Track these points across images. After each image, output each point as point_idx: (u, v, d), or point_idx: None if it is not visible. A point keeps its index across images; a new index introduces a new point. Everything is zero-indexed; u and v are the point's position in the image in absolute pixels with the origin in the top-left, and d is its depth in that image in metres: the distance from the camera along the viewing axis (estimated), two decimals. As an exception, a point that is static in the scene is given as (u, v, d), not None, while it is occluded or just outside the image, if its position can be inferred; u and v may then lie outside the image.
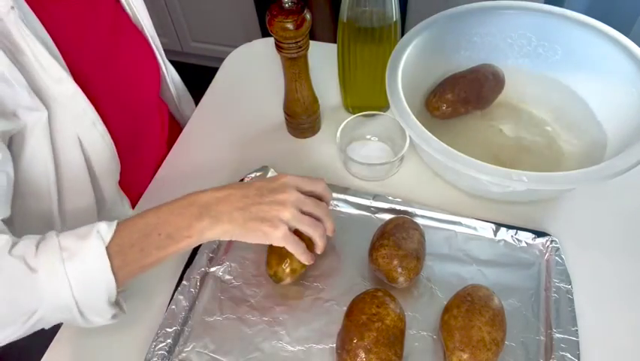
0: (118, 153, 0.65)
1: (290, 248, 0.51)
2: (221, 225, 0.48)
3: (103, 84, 0.62)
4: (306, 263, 0.53)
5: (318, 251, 0.54)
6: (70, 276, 0.44)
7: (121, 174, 0.68)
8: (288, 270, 0.55)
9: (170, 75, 0.82)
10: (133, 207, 0.71)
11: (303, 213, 0.51)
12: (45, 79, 0.52)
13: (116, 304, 0.49)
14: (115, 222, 0.48)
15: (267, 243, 0.50)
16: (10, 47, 0.49)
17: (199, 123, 0.79)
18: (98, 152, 0.62)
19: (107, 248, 0.45)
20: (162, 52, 0.78)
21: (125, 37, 0.68)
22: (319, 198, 0.55)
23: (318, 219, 0.53)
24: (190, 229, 0.47)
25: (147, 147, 0.77)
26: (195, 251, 0.60)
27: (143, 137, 0.74)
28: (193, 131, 0.78)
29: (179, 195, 0.69)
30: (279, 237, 0.49)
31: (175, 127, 0.85)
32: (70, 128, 0.57)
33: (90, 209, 0.65)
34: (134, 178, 0.73)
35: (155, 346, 0.52)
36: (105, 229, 0.46)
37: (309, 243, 0.54)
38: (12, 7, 0.48)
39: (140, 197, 0.69)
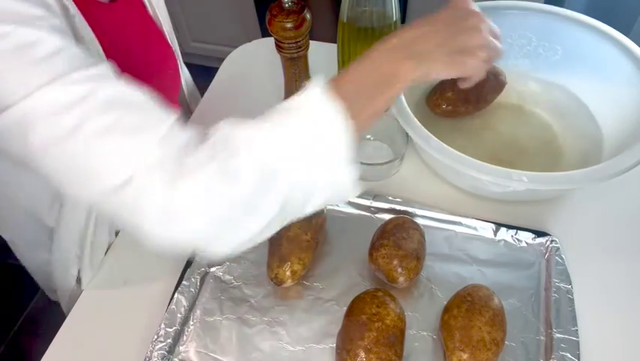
0: None
1: (482, 73, 0.50)
2: (427, 62, 0.45)
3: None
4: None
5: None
6: (304, 125, 0.43)
7: None
8: (288, 272, 0.55)
9: (185, 76, 0.82)
10: None
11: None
12: None
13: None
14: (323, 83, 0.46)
15: (468, 74, 0.49)
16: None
17: (199, 123, 0.79)
18: None
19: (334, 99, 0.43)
20: (179, 52, 0.78)
21: (152, 40, 0.68)
22: None
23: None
24: (400, 71, 0.45)
25: None
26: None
27: None
28: (193, 131, 0.78)
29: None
30: (479, 65, 0.48)
31: None
32: None
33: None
34: None
35: (155, 346, 0.52)
36: (321, 85, 0.45)
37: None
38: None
39: None
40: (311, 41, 0.63)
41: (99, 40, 0.53)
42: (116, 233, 0.67)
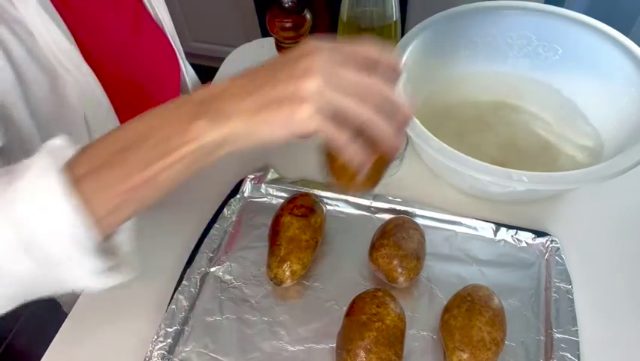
0: None
1: (329, 131, 0.33)
2: (223, 124, 0.34)
3: (121, 82, 0.62)
4: (360, 168, 0.35)
5: (392, 154, 0.35)
6: (12, 211, 0.32)
7: None
8: (288, 272, 0.55)
9: (189, 74, 0.82)
10: None
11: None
12: (64, 63, 0.53)
13: (108, 252, 0.37)
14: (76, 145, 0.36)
15: (292, 133, 0.33)
16: (23, 34, 0.50)
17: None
18: None
19: (68, 168, 0.34)
20: (182, 51, 0.78)
21: (147, 36, 0.68)
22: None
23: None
24: (183, 134, 0.34)
25: None
26: (195, 251, 0.60)
27: None
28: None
29: (178, 196, 0.69)
30: (304, 117, 0.32)
31: None
32: (80, 113, 0.57)
33: None
34: None
35: (155, 346, 0.52)
36: (61, 145, 0.35)
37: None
38: None
39: None
40: (311, 41, 0.63)
41: (70, 28, 0.53)
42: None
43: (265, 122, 0.33)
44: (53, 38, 0.51)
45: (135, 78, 0.65)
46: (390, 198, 0.64)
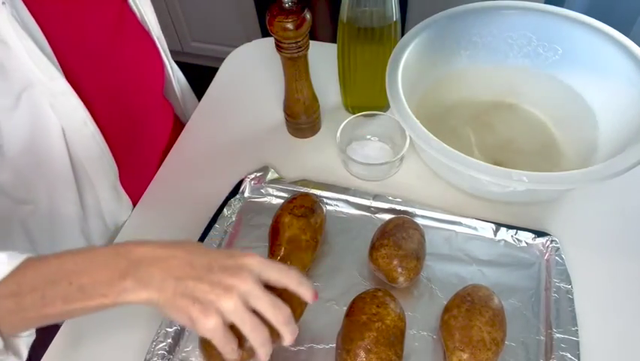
0: (115, 153, 0.65)
1: (217, 344, 0.39)
2: (147, 291, 0.38)
3: (100, 84, 0.62)
4: None
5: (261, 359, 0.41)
6: None
7: (122, 173, 0.68)
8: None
9: (176, 76, 0.82)
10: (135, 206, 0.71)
11: (253, 308, 0.40)
12: (38, 75, 0.52)
13: (9, 348, 0.41)
14: (22, 257, 0.40)
15: (193, 329, 0.39)
16: None
17: (199, 123, 0.79)
18: (89, 150, 0.61)
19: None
20: (168, 52, 0.78)
21: (131, 37, 0.68)
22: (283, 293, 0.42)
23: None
24: (108, 286, 0.38)
25: (150, 147, 0.76)
26: (195, 251, 0.60)
27: (144, 137, 0.74)
28: (193, 132, 0.78)
29: (178, 197, 0.69)
30: (207, 328, 0.38)
31: (179, 128, 0.85)
32: (56, 123, 0.56)
33: (70, 207, 0.63)
34: (138, 178, 0.73)
35: (155, 346, 0.52)
36: (3, 261, 0.39)
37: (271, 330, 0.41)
38: (3, 3, 0.47)
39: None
40: (311, 41, 0.63)
41: (47, 32, 0.52)
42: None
43: (176, 309, 0.38)
44: (27, 49, 0.50)
45: (116, 81, 0.65)
46: (390, 198, 0.64)
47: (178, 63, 0.84)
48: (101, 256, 0.40)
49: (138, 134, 0.73)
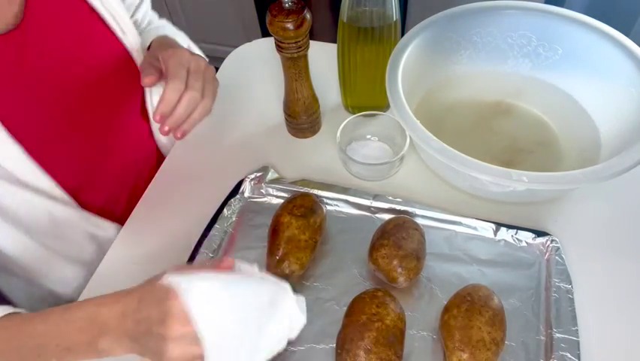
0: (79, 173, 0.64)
1: None
2: (122, 349, 0.43)
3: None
4: None
5: None
6: None
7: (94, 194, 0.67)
8: (286, 272, 0.55)
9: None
10: (124, 220, 0.67)
11: None
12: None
13: None
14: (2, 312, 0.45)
15: None
16: None
17: (198, 123, 0.79)
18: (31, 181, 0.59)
19: None
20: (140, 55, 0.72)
21: (95, 54, 0.64)
22: None
23: None
24: (88, 346, 0.43)
25: (121, 164, 0.73)
26: (195, 251, 0.60)
27: (113, 156, 0.71)
28: (192, 132, 0.78)
29: (179, 197, 0.69)
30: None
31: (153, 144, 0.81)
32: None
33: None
34: (121, 203, 0.71)
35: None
36: None
37: None
38: None
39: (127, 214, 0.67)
40: (311, 41, 0.63)
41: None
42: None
43: (146, 357, 0.42)
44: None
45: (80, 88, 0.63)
46: (390, 198, 0.64)
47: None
48: (78, 321, 0.44)
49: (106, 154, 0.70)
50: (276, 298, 0.46)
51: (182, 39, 0.78)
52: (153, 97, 0.74)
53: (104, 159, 0.69)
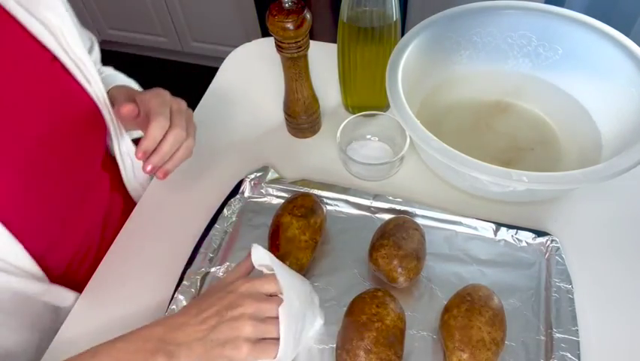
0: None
1: (261, 358, 0.46)
2: (180, 359, 0.44)
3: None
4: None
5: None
6: None
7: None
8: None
9: (126, 148, 0.71)
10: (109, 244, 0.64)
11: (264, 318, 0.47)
12: None
13: None
14: None
15: None
16: None
17: (199, 124, 0.79)
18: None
19: None
20: (115, 120, 0.67)
21: (58, 106, 0.59)
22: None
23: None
24: None
25: (88, 221, 0.68)
26: (195, 251, 0.60)
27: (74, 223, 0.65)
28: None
29: (179, 197, 0.69)
30: (242, 358, 0.44)
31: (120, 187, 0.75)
32: None
33: None
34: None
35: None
36: None
37: None
38: None
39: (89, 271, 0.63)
40: (311, 41, 0.63)
41: None
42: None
43: (211, 358, 0.44)
44: None
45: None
46: (390, 198, 0.64)
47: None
48: (132, 345, 0.45)
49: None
50: (307, 287, 0.52)
51: (136, 86, 0.75)
52: (121, 144, 0.69)
53: (71, 217, 0.63)
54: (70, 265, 0.64)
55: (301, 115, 0.71)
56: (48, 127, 0.57)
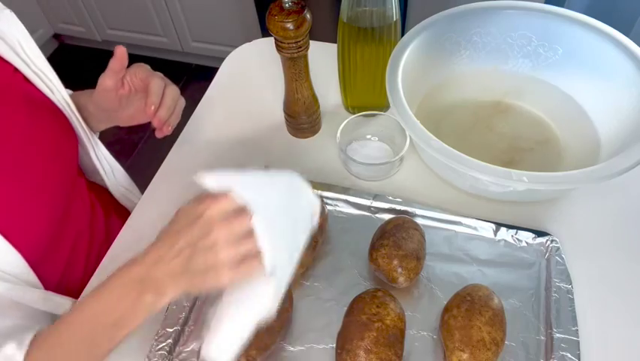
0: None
1: (249, 278, 0.43)
2: (167, 295, 0.43)
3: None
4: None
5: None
6: None
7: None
8: None
9: (102, 153, 0.73)
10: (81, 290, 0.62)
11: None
12: None
13: None
14: (28, 338, 0.47)
15: (220, 289, 0.44)
16: None
17: (199, 123, 0.79)
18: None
19: None
20: (85, 126, 0.69)
21: (25, 116, 0.60)
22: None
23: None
24: (133, 309, 0.43)
25: (75, 228, 0.67)
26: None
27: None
28: (193, 132, 0.78)
29: (179, 197, 0.69)
30: (226, 282, 0.43)
31: (100, 193, 0.76)
32: None
33: None
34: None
35: (155, 346, 0.53)
36: (13, 349, 0.45)
37: None
38: None
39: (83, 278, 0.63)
40: (311, 41, 0.63)
41: None
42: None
43: (199, 288, 0.43)
44: None
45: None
46: (390, 198, 0.64)
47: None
48: (114, 291, 0.44)
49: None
50: (292, 185, 0.48)
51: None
52: (96, 149, 0.71)
53: (60, 224, 0.63)
54: (64, 273, 0.64)
55: (301, 115, 0.71)
56: (26, 137, 0.59)
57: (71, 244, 0.66)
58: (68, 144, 0.66)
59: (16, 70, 0.60)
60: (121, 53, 0.57)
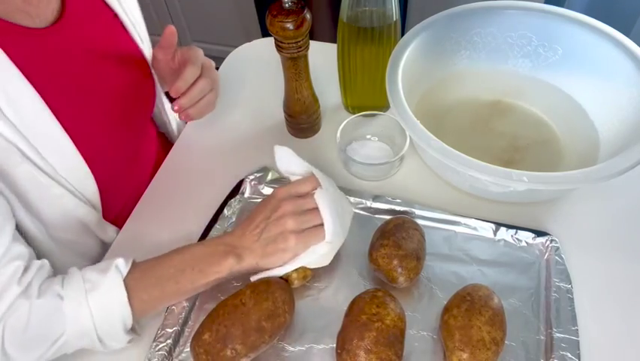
0: (101, 188, 0.64)
1: (310, 243, 0.54)
2: (245, 260, 0.53)
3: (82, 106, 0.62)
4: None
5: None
6: (91, 306, 0.49)
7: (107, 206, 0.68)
8: (300, 275, 0.55)
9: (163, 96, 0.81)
10: (121, 225, 0.68)
11: (305, 211, 0.55)
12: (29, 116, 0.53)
13: (132, 330, 0.53)
14: (130, 260, 0.53)
15: (290, 256, 0.53)
16: None
17: (199, 123, 0.79)
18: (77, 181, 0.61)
19: (125, 281, 0.51)
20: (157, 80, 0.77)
21: (120, 58, 0.68)
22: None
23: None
24: (219, 265, 0.53)
25: (139, 171, 0.76)
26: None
27: (132, 167, 0.75)
28: (193, 132, 0.78)
29: (179, 197, 0.69)
30: (292, 246, 0.53)
31: (165, 146, 0.85)
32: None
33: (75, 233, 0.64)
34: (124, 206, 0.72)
35: (155, 346, 0.53)
36: (122, 264, 0.52)
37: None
38: None
39: (121, 221, 0.68)
40: (311, 41, 0.63)
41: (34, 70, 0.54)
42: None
43: (270, 255, 0.53)
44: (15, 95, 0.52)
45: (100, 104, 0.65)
46: (390, 198, 0.64)
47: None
48: (207, 248, 0.54)
49: (126, 164, 0.73)
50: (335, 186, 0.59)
51: None
52: (164, 101, 0.80)
53: (129, 163, 0.73)
54: (122, 210, 0.71)
55: (301, 115, 0.71)
56: (115, 71, 0.66)
57: (134, 187, 0.73)
58: (147, 90, 0.73)
59: (115, 16, 0.67)
60: (167, 33, 0.63)
